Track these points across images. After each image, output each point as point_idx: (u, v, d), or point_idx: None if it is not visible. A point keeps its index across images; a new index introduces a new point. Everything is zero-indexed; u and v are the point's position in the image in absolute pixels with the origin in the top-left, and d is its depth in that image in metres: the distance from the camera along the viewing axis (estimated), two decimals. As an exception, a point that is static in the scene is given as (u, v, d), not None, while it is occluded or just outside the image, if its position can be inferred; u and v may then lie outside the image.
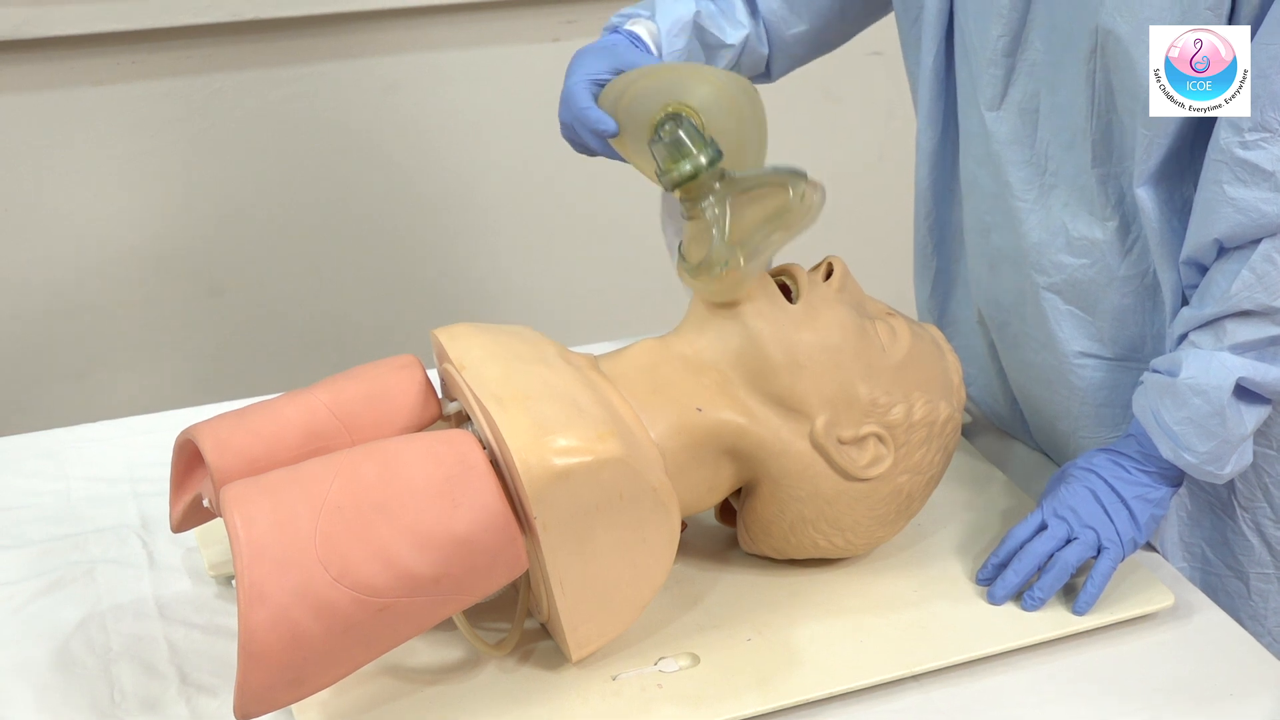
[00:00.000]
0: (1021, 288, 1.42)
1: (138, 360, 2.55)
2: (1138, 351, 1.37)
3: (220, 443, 1.21)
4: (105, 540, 1.42)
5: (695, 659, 1.24)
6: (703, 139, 1.22)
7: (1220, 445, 1.25)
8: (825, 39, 1.56)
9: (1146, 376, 1.30)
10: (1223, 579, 1.40)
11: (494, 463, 1.14)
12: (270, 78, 2.45)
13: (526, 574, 1.21)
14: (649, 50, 1.41)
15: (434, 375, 1.31)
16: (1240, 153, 1.17)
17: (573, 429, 1.13)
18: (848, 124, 2.79)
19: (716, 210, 1.22)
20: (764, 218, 1.22)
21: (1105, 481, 1.31)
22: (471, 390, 1.18)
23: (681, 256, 1.26)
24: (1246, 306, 1.22)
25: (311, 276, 2.62)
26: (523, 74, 2.55)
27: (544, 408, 1.15)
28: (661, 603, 1.29)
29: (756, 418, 1.25)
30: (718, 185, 1.23)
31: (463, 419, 1.27)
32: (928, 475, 1.31)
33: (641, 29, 1.42)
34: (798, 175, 1.23)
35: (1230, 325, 1.24)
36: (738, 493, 1.32)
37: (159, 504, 1.45)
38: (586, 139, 1.33)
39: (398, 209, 2.63)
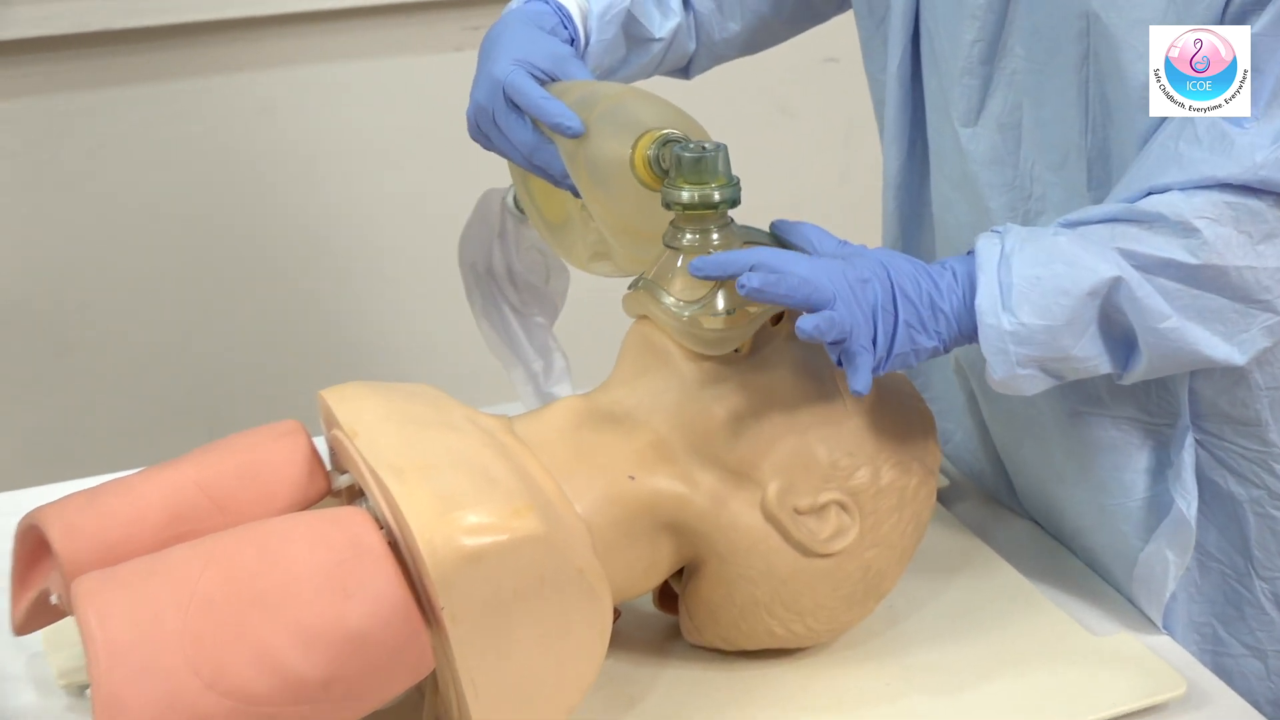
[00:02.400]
0: (1005, 329, 1.42)
1: (-30, 433, 2.53)
2: (1145, 406, 1.38)
3: (70, 528, 1.21)
4: (-66, 647, 1.41)
5: (633, 770, 1.24)
6: (730, 174, 1.25)
7: (1042, 336, 1.20)
8: (757, 40, 1.61)
9: (1006, 226, 1.25)
10: (1237, 659, 1.42)
11: (393, 545, 1.14)
12: (125, 98, 2.45)
13: (433, 674, 1.21)
14: (576, 29, 1.44)
15: (321, 444, 1.31)
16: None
17: (484, 503, 1.14)
18: (804, 141, 2.82)
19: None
20: None
21: (890, 282, 1.22)
22: (365, 460, 1.18)
23: (651, 283, 1.28)
24: (1163, 212, 1.19)
25: (176, 330, 2.61)
26: (421, 89, 2.56)
27: (450, 479, 1.15)
28: (592, 705, 1.29)
29: (699, 486, 1.26)
30: (715, 232, 1.26)
31: (355, 494, 1.27)
32: (899, 549, 1.32)
33: (571, 3, 1.45)
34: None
35: (1130, 230, 1.21)
36: (679, 574, 1.33)
37: (-2, 602, 1.44)
38: (516, 133, 1.34)
39: (277, 249, 2.63)
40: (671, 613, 1.39)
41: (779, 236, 1.30)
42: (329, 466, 1.30)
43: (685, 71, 1.63)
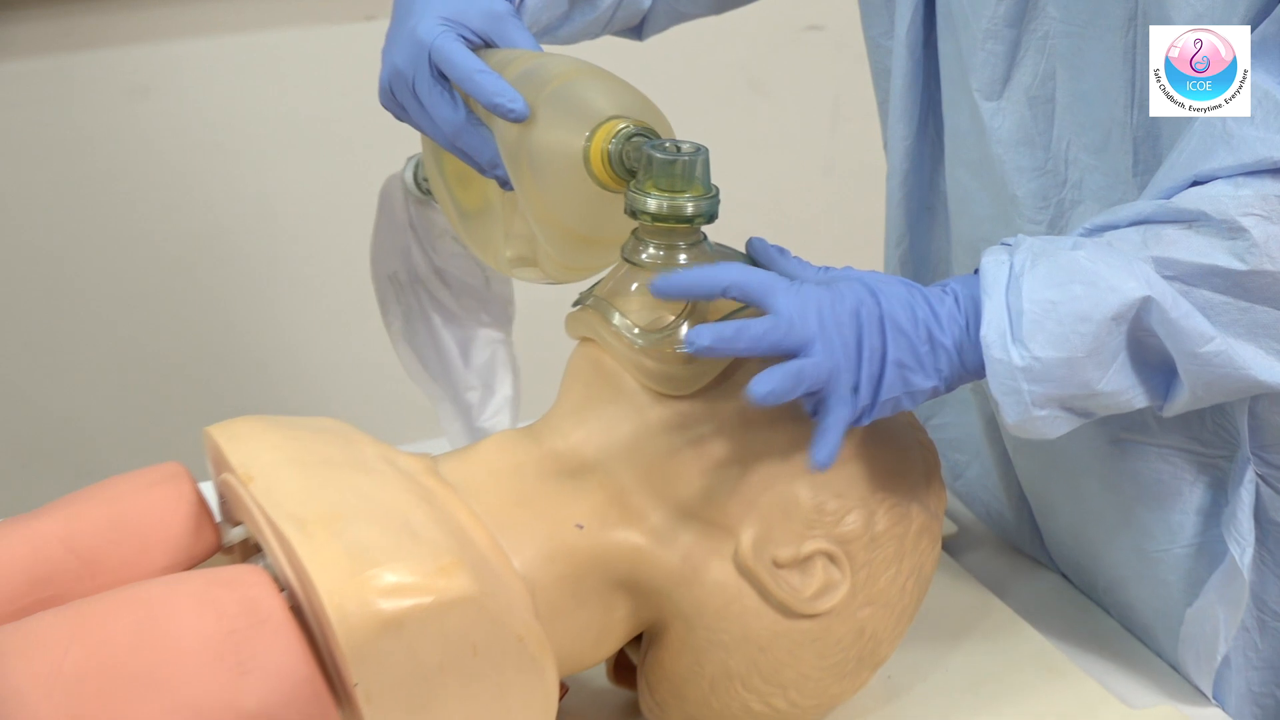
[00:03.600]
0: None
1: None
2: (1198, 434, 1.39)
3: (-91, 595, 1.21)
4: None
5: None
6: (709, 183, 1.26)
7: (1061, 370, 1.20)
8: None
9: (1018, 238, 1.26)
10: (1305, 736, 1.43)
11: (295, 610, 1.15)
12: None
13: (345, 764, 1.22)
14: None
15: (209, 490, 1.32)
16: (1266, 82, 1.20)
17: (404, 560, 1.14)
18: (780, 125, 2.82)
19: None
20: (728, 309, 1.26)
21: (879, 313, 1.22)
22: (261, 509, 1.19)
23: (602, 301, 1.29)
24: (1205, 209, 1.19)
25: (31, 355, 2.60)
26: (327, 67, 2.56)
27: (363, 531, 1.16)
28: (536, 798, 1.30)
29: (659, 536, 1.27)
30: (683, 250, 1.27)
31: (250, 550, 1.28)
32: (898, 608, 1.33)
33: None
34: None
35: (1167, 232, 1.21)
36: (637, 641, 1.34)
37: None
38: (440, 109, 1.34)
39: (153, 257, 2.62)
40: (629, 688, 1.40)
41: (756, 260, 1.31)
42: (218, 518, 1.31)
43: (638, 31, 1.63)
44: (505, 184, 1.34)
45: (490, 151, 1.34)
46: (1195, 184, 1.22)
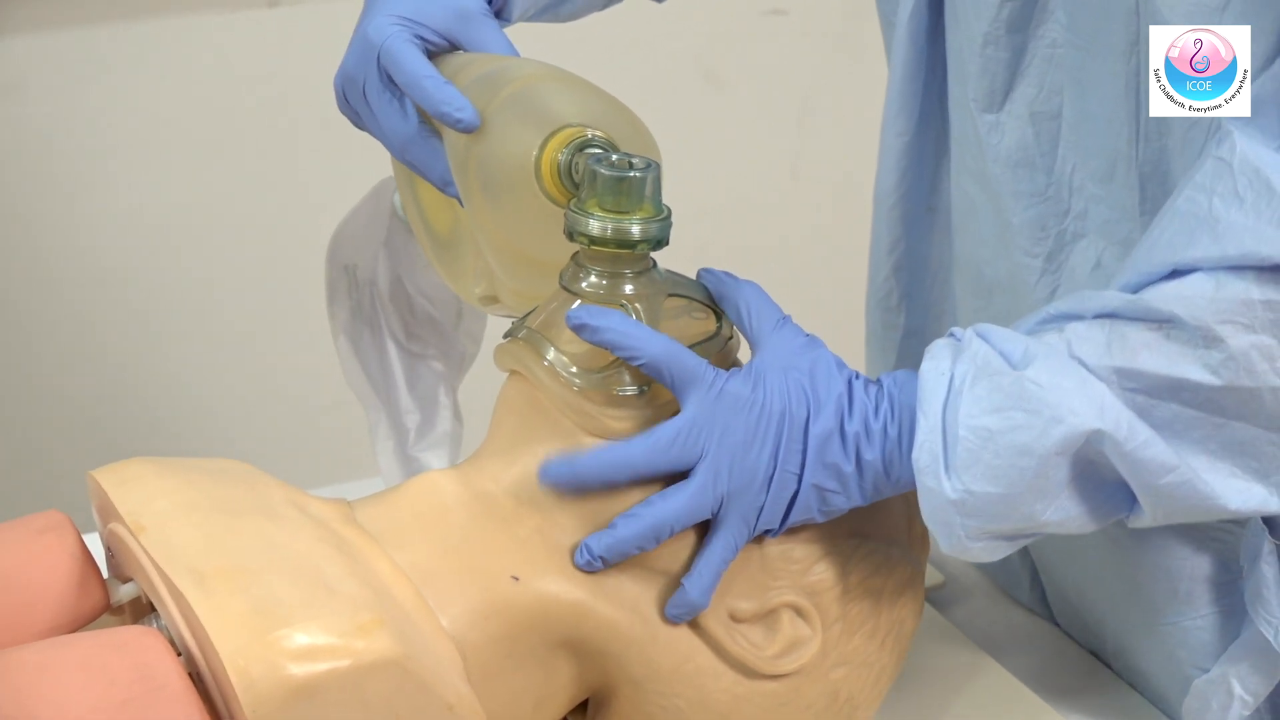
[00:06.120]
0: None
1: None
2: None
3: None
4: None
5: None
6: (659, 203, 1.26)
7: (997, 506, 1.21)
8: None
9: (966, 335, 1.26)
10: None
11: (194, 676, 1.15)
12: None
13: None
14: None
15: (95, 542, 1.32)
16: (1257, 158, 1.19)
17: (317, 617, 1.14)
18: (740, 122, 2.83)
19: (637, 305, 1.27)
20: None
21: (805, 428, 1.25)
22: (155, 563, 1.19)
23: (536, 334, 1.29)
24: (1178, 311, 1.17)
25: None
26: (224, 60, 2.56)
27: (271, 586, 1.16)
28: None
29: (604, 588, 1.27)
30: (629, 280, 1.28)
31: (143, 610, 1.28)
32: (877, 668, 1.35)
33: None
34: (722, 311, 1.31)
35: (1135, 335, 1.20)
36: (582, 709, 1.35)
37: None
38: (389, 118, 1.36)
39: (29, 275, 2.62)
40: (573, 761, 1.41)
41: (711, 294, 1.33)
42: (106, 573, 1.31)
43: None
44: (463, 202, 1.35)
45: (442, 166, 1.35)
46: (1175, 272, 1.20)
